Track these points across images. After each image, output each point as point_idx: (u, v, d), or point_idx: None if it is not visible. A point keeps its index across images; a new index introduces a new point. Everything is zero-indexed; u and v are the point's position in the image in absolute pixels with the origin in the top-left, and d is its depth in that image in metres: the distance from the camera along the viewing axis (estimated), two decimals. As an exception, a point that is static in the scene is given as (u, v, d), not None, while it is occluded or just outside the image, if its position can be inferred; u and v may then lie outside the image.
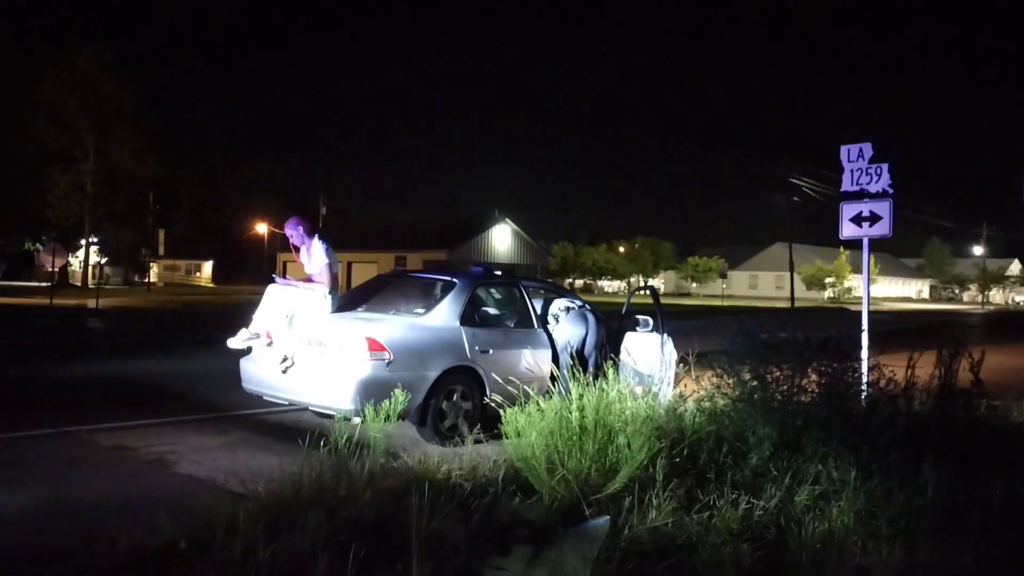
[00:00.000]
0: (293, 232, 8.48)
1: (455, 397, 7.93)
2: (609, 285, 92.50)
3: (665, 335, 9.16)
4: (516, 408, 5.91)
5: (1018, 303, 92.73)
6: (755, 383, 6.39)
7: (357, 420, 6.73)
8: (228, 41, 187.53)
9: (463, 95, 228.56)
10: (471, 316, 8.41)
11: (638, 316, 9.49)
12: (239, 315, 9.70)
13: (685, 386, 7.98)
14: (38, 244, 58.54)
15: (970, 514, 4.92)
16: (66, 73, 52.80)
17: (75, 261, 60.34)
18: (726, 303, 58.96)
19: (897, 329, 26.61)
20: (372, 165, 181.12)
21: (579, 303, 9.36)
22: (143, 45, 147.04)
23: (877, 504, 5.13)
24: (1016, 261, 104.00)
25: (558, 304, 9.21)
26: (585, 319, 9.06)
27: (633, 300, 10.49)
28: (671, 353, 9.07)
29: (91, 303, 31.99)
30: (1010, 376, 9.58)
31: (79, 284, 56.28)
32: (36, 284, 49.41)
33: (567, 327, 8.94)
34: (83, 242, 56.60)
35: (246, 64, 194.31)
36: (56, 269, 30.55)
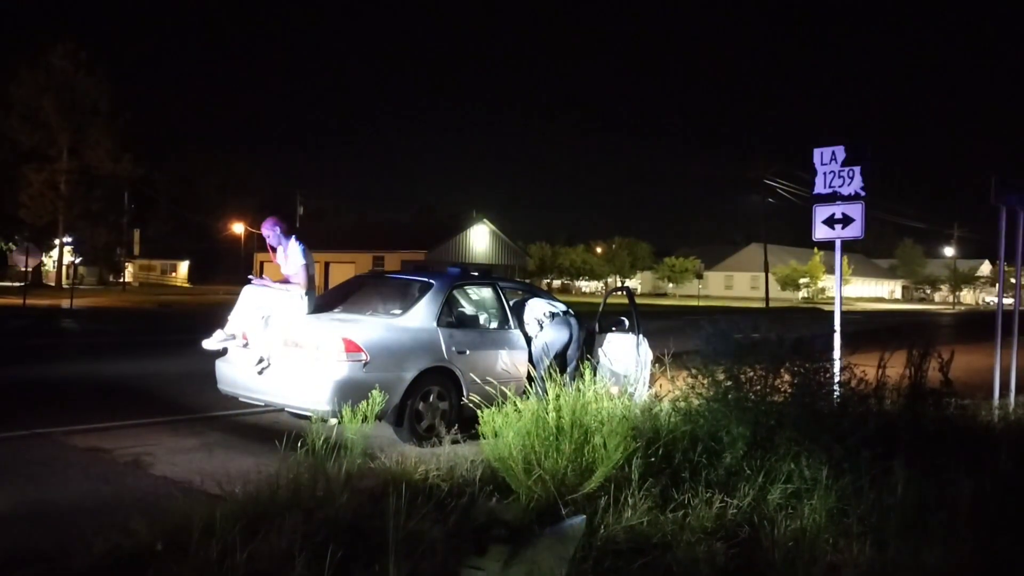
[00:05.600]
0: (270, 233, 8.47)
1: (432, 398, 7.94)
2: (586, 285, 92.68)
3: (641, 335, 9.23)
4: (493, 409, 5.93)
5: (988, 303, 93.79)
6: (729, 383, 6.45)
7: (334, 421, 6.72)
8: (205, 40, 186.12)
9: (442, 95, 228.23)
10: (448, 317, 8.43)
11: (614, 317, 9.54)
12: (215, 315, 9.66)
13: (660, 386, 8.03)
14: (11, 244, 57.85)
15: (939, 512, 5.00)
16: (40, 71, 52.13)
17: (49, 261, 59.67)
18: (702, 303, 59.23)
19: (869, 329, 26.88)
20: (349, 164, 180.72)
21: (562, 307, 9.38)
22: (118, 43, 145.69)
23: (848, 502, 5.20)
24: (986, 262, 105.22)
25: (542, 309, 9.23)
26: (568, 325, 9.08)
27: (609, 301, 10.56)
28: (646, 353, 9.14)
29: (65, 303, 31.64)
30: (979, 376, 9.72)
31: (53, 284, 55.65)
32: (9, 284, 48.83)
33: (551, 332, 8.95)
34: (57, 241, 55.95)
35: (223, 63, 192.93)
36: (29, 269, 30.17)
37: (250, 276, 8.94)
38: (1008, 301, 12.74)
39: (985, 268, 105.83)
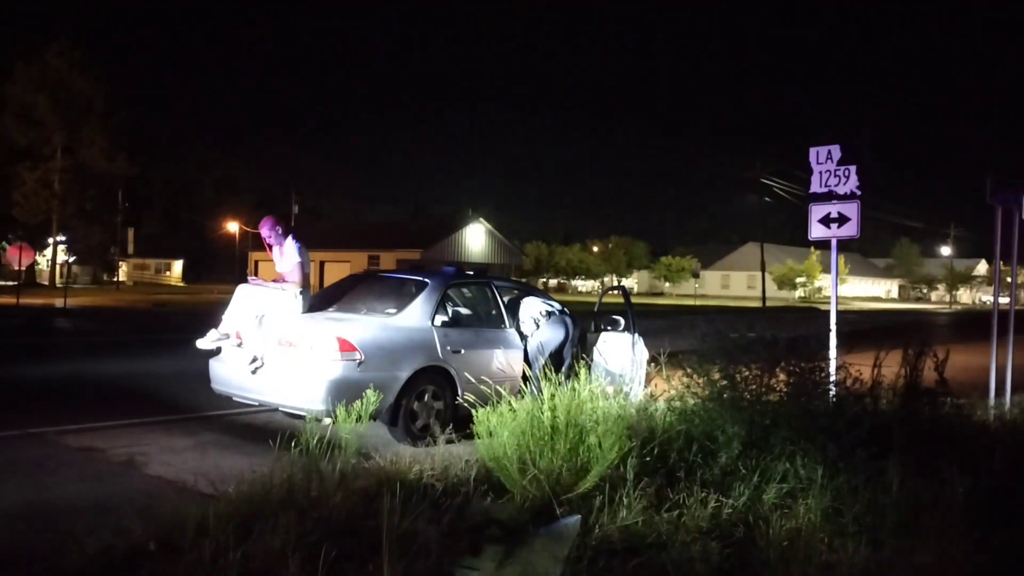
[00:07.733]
0: (270, 233, 8.43)
1: (427, 397, 7.93)
2: (583, 284, 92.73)
3: (636, 335, 9.22)
4: (488, 408, 5.92)
5: (985, 303, 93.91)
6: (724, 382, 6.44)
7: (328, 421, 6.71)
8: (199, 39, 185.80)
9: (437, 94, 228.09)
10: (443, 316, 8.41)
11: (609, 316, 9.53)
12: (209, 315, 9.64)
13: (656, 385, 8.03)
14: (4, 242, 57.70)
15: (934, 512, 5.00)
16: (35, 69, 51.99)
17: (42, 260, 59.52)
18: (698, 303, 59.27)
19: (865, 328, 26.92)
20: (345, 163, 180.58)
21: (558, 306, 9.37)
22: (113, 42, 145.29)
23: (843, 502, 5.19)
24: (983, 261, 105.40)
25: (537, 308, 9.21)
26: (565, 324, 9.08)
27: (605, 300, 10.55)
28: (642, 353, 9.14)
29: (59, 302, 31.54)
30: (975, 375, 9.73)
31: (47, 283, 55.52)
32: (2, 283, 48.71)
33: (546, 331, 8.94)
34: (51, 240, 55.83)
35: (217, 62, 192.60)
36: (23, 268, 30.08)
37: (250, 277, 8.92)
38: (1004, 300, 12.77)
39: (982, 267, 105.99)
